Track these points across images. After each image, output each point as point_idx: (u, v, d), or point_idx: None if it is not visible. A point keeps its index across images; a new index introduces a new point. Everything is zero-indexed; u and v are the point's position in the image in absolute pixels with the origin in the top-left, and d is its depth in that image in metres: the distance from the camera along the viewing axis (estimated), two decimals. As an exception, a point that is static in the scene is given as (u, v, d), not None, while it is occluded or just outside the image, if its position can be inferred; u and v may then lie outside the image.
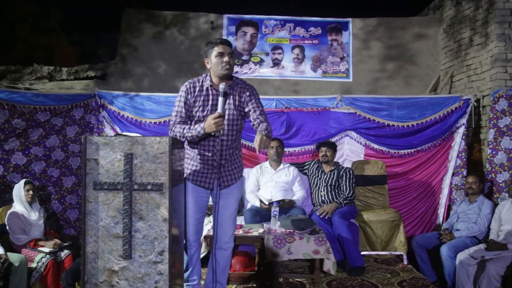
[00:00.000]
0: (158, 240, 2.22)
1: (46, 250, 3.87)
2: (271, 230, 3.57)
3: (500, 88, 4.79)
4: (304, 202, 4.57)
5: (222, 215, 2.77)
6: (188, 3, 6.65)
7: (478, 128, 5.19)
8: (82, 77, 5.95)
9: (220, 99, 2.58)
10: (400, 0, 7.79)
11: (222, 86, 2.59)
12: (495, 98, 4.76)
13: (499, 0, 4.87)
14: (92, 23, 8.50)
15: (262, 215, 4.18)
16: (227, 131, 2.72)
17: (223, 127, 2.64)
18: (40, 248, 3.88)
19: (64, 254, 3.96)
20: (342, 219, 4.14)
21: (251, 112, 2.73)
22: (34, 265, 3.77)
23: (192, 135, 2.64)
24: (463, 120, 5.08)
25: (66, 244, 4.08)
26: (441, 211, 5.13)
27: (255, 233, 3.51)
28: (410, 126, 5.12)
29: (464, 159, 5.08)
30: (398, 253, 4.51)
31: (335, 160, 4.74)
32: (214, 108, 2.67)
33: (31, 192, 4.03)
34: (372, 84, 6.14)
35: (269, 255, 3.37)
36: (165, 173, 2.22)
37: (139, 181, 2.22)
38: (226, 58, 2.68)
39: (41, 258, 3.80)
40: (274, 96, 5.38)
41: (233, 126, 2.75)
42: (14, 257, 3.65)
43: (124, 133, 4.48)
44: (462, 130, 5.08)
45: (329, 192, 4.50)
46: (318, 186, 4.58)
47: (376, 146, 5.15)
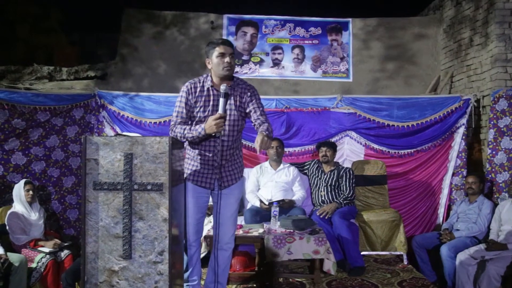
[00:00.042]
0: (158, 240, 2.22)
1: (46, 250, 3.87)
2: (271, 230, 3.57)
3: (500, 88, 4.79)
4: (304, 202, 4.57)
5: (222, 215, 2.77)
6: (188, 3, 6.66)
7: (478, 128, 5.19)
8: (82, 77, 5.95)
9: (221, 100, 2.58)
10: (400, 0, 7.80)
11: (223, 87, 2.59)
12: (495, 98, 4.76)
13: (499, 0, 4.87)
14: (92, 23, 8.50)
15: (262, 215, 4.18)
16: (228, 132, 2.72)
17: (224, 127, 2.64)
18: (40, 248, 3.88)
19: (64, 254, 3.96)
20: (342, 219, 4.14)
21: (252, 113, 2.74)
22: (34, 265, 3.77)
23: (192, 136, 2.63)
24: (463, 120, 5.08)
25: (66, 244, 4.08)
26: (441, 211, 5.13)
27: (255, 233, 3.51)
28: (410, 126, 5.12)
29: (464, 159, 5.08)
30: (398, 253, 4.51)
31: (335, 160, 4.74)
32: (215, 109, 2.67)
33: (31, 192, 4.03)
34: (372, 84, 6.14)
35: (269, 255, 3.37)
36: (165, 173, 2.22)
37: (139, 181, 2.22)
38: (227, 59, 2.68)
39: (41, 258, 3.79)
40: (274, 96, 5.38)
41: (234, 126, 2.74)
42: (14, 257, 3.65)
43: (124, 133, 4.48)
44: (462, 130, 5.08)
45: (329, 192, 4.50)
46: (318, 186, 4.58)
47: (376, 146, 5.15)
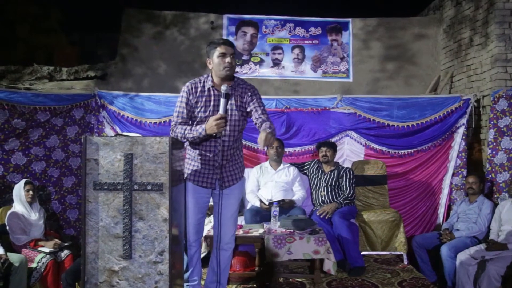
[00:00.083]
0: (158, 240, 2.22)
1: (46, 250, 3.87)
2: (271, 230, 3.57)
3: (500, 88, 4.79)
4: (304, 202, 4.57)
5: (223, 215, 2.78)
6: (188, 3, 6.66)
7: (478, 128, 5.19)
8: (82, 77, 5.95)
9: (222, 101, 2.58)
10: (400, 0, 7.80)
11: (223, 88, 2.59)
12: (495, 98, 4.76)
13: (499, 0, 4.87)
14: (92, 23, 8.50)
15: (262, 215, 4.18)
16: (228, 132, 2.72)
17: (225, 128, 2.63)
18: (40, 248, 3.88)
19: (64, 254, 3.96)
20: (342, 219, 4.14)
21: (253, 112, 2.74)
22: (34, 265, 3.76)
23: (193, 136, 2.63)
24: (463, 120, 5.08)
25: (66, 244, 4.08)
26: (441, 211, 5.13)
27: (255, 233, 3.51)
28: (410, 126, 5.12)
29: (464, 159, 5.08)
30: (398, 253, 4.51)
31: (335, 160, 4.74)
32: (216, 109, 2.67)
33: (31, 192, 4.03)
34: (372, 84, 6.14)
35: (269, 255, 3.37)
36: (165, 173, 2.22)
37: (139, 181, 2.22)
38: (228, 59, 2.67)
39: (41, 258, 3.79)
40: (274, 96, 5.38)
41: (234, 126, 2.74)
42: (14, 257, 3.65)
43: (124, 133, 4.48)
44: (462, 130, 5.08)
45: (329, 192, 4.50)
46: (318, 186, 4.58)
47: (376, 146, 5.15)
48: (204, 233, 3.29)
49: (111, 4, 7.29)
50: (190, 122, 2.74)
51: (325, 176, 4.56)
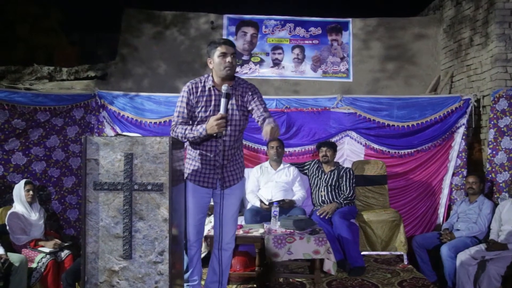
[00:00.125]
0: (158, 240, 2.22)
1: (46, 250, 3.87)
2: (271, 230, 3.56)
3: (500, 88, 4.79)
4: (304, 202, 4.57)
5: (223, 215, 2.78)
6: (188, 3, 6.66)
7: (478, 128, 5.19)
8: (82, 77, 5.95)
9: (223, 101, 2.58)
10: (400, 0, 7.80)
11: (224, 87, 2.59)
12: (495, 98, 4.76)
13: (499, 0, 4.87)
14: (92, 23, 8.51)
15: (262, 215, 4.17)
16: (229, 132, 2.71)
17: (226, 128, 2.63)
18: (40, 248, 3.88)
19: (64, 254, 3.96)
20: (342, 219, 4.14)
21: (255, 110, 2.73)
22: (34, 265, 3.77)
23: (194, 136, 2.63)
24: (463, 120, 5.08)
25: (66, 244, 4.08)
26: (441, 211, 5.13)
27: (255, 233, 3.51)
28: (410, 126, 5.12)
29: (464, 159, 5.08)
30: (398, 253, 4.51)
31: (335, 160, 4.74)
32: (216, 109, 2.67)
33: (31, 192, 4.03)
34: (372, 84, 6.14)
35: (269, 255, 3.37)
36: (165, 173, 2.22)
37: (139, 181, 2.22)
38: (228, 59, 2.67)
39: (41, 258, 3.79)
40: (274, 96, 5.38)
41: (235, 126, 2.74)
42: (14, 257, 3.65)
43: (124, 133, 4.48)
44: (462, 130, 5.08)
45: (329, 192, 4.50)
46: (318, 186, 4.57)
47: (376, 146, 5.15)
48: (204, 233, 3.30)
49: (111, 4, 7.30)
50: (191, 122, 2.74)
51: (325, 176, 4.56)
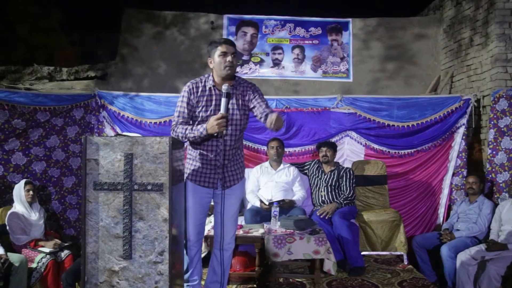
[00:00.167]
0: (158, 240, 2.22)
1: (46, 250, 3.87)
2: (271, 230, 3.56)
3: (500, 88, 4.79)
4: (304, 202, 4.57)
5: (224, 215, 2.77)
6: (188, 3, 6.66)
7: (478, 128, 5.18)
8: (82, 77, 5.95)
9: (223, 100, 2.57)
10: (400, 0, 7.80)
11: (224, 87, 2.59)
12: (495, 98, 4.76)
13: (499, 0, 4.87)
14: (92, 23, 8.51)
15: (263, 215, 4.17)
16: (230, 131, 2.71)
17: (227, 127, 2.63)
18: (40, 248, 3.88)
19: (64, 254, 3.96)
20: (342, 219, 4.14)
21: (257, 107, 2.73)
22: (34, 265, 3.77)
23: (194, 136, 2.63)
24: (463, 120, 5.08)
25: (66, 244, 4.08)
26: (441, 211, 5.13)
27: (255, 233, 3.51)
28: (410, 126, 5.12)
29: (464, 159, 5.08)
30: (398, 253, 4.51)
31: (335, 160, 4.74)
32: (217, 108, 2.66)
33: (31, 192, 4.03)
34: (372, 84, 6.14)
35: (269, 255, 3.36)
36: (165, 173, 2.22)
37: (139, 181, 2.22)
38: (229, 58, 2.67)
39: (41, 258, 3.79)
40: (274, 96, 5.38)
41: (236, 126, 2.74)
42: (14, 257, 3.65)
43: (124, 133, 4.48)
44: (462, 130, 5.07)
45: (329, 192, 4.50)
46: (318, 186, 4.57)
47: (376, 146, 5.15)
48: (205, 233, 3.30)
49: (111, 4, 7.30)
50: (191, 122, 2.74)
51: (325, 176, 4.56)
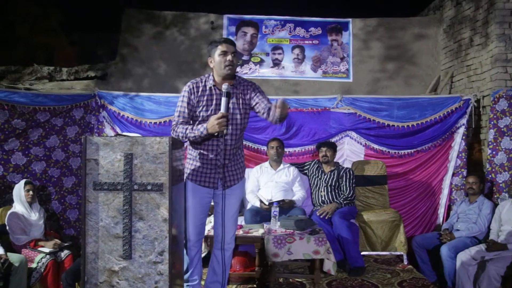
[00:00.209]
0: (158, 240, 2.22)
1: (46, 250, 3.87)
2: (271, 231, 3.56)
3: (500, 88, 4.79)
4: (304, 202, 4.57)
5: (224, 215, 2.77)
6: (188, 3, 6.66)
7: (478, 128, 5.18)
8: (82, 77, 5.95)
9: (223, 100, 2.57)
10: (400, 0, 7.80)
11: (224, 87, 2.59)
12: (495, 98, 4.76)
13: (499, 0, 4.87)
14: (92, 23, 8.51)
15: (262, 215, 4.17)
16: (231, 131, 2.71)
17: (227, 127, 2.63)
18: (40, 249, 3.88)
19: (64, 254, 3.96)
20: (342, 219, 4.14)
21: (259, 104, 2.72)
22: (34, 265, 3.77)
23: (195, 136, 2.62)
24: (463, 120, 5.08)
25: (66, 244, 4.08)
26: (441, 211, 5.13)
27: (255, 233, 3.51)
28: (410, 126, 5.12)
29: (464, 159, 5.08)
30: (398, 253, 4.51)
31: (335, 160, 4.74)
32: (218, 108, 2.66)
33: (31, 192, 4.03)
34: (372, 84, 6.14)
35: (269, 255, 3.37)
36: (165, 173, 2.22)
37: (139, 181, 2.22)
38: (229, 57, 2.67)
39: (41, 259, 3.79)
40: (274, 96, 5.34)
41: (237, 125, 2.74)
42: (14, 257, 3.65)
43: (124, 133, 4.48)
44: (462, 130, 5.07)
45: (329, 192, 4.50)
46: (318, 186, 4.57)
47: (376, 146, 5.14)
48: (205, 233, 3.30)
49: (111, 4, 7.30)
50: (192, 122, 2.74)
51: (325, 176, 4.56)
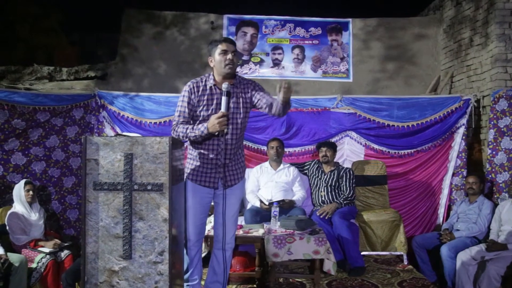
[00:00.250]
0: (158, 241, 2.22)
1: (46, 250, 3.87)
2: (271, 231, 3.56)
3: (500, 88, 4.79)
4: (304, 202, 4.57)
5: (225, 215, 2.77)
6: (188, 3, 6.66)
7: (478, 128, 5.18)
8: (82, 77, 5.95)
9: (224, 99, 2.57)
10: (400, 0, 7.80)
11: (225, 86, 2.59)
12: (495, 98, 4.76)
13: (499, 0, 4.87)
14: (92, 23, 8.51)
15: (262, 215, 4.17)
16: (231, 130, 2.71)
17: (228, 126, 2.63)
18: (40, 249, 3.88)
19: (64, 254, 3.96)
20: (342, 219, 4.14)
21: (261, 99, 2.73)
22: (34, 265, 3.77)
23: (195, 135, 2.62)
24: (463, 120, 5.08)
25: (66, 244, 4.08)
26: (441, 211, 5.13)
27: (255, 233, 3.51)
28: (410, 126, 5.12)
29: (464, 159, 5.08)
30: (398, 253, 4.51)
31: (335, 160, 4.74)
32: (218, 107, 2.65)
33: (31, 192, 4.03)
34: (372, 84, 6.14)
35: (269, 255, 3.37)
36: (165, 173, 2.22)
37: (139, 181, 2.22)
38: (229, 56, 2.67)
39: (41, 259, 3.79)
40: (274, 96, 5.35)
41: (237, 124, 2.74)
42: (14, 257, 3.65)
43: (124, 133, 4.48)
44: (462, 130, 5.07)
45: (329, 193, 4.50)
46: (318, 186, 4.57)
47: (376, 146, 5.14)
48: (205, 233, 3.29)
49: (111, 4, 7.30)
50: (192, 122, 2.73)
51: (325, 176, 4.56)
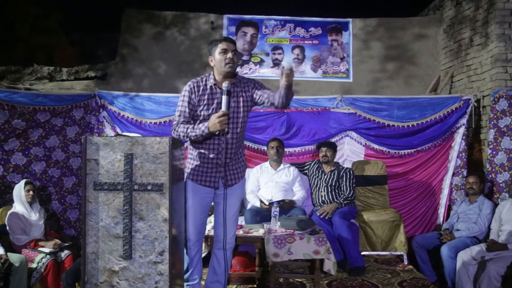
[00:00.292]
0: (158, 241, 2.22)
1: (47, 250, 3.87)
2: (271, 231, 3.56)
3: (500, 88, 4.79)
4: (304, 202, 4.57)
5: (226, 215, 2.77)
6: (188, 3, 6.66)
7: (478, 128, 5.18)
8: (82, 77, 5.95)
9: (224, 98, 2.57)
10: (400, 0, 7.80)
11: (225, 85, 2.59)
12: (495, 98, 4.76)
13: (499, 0, 4.87)
14: (92, 23, 8.51)
15: (263, 215, 4.17)
16: (232, 129, 2.71)
17: (228, 125, 2.62)
18: (40, 249, 3.88)
19: (64, 254, 3.96)
20: (342, 219, 4.14)
21: (262, 94, 2.72)
22: (34, 265, 3.77)
23: (196, 135, 2.62)
24: (463, 120, 5.08)
25: (66, 244, 4.08)
26: (441, 211, 5.13)
27: (255, 233, 3.51)
28: (410, 126, 5.12)
29: (464, 159, 5.08)
30: (398, 253, 4.51)
31: (335, 160, 4.74)
32: (219, 107, 2.65)
33: (31, 192, 4.03)
34: (372, 84, 6.14)
35: (269, 255, 3.37)
36: (165, 173, 2.22)
37: (139, 181, 2.22)
38: (229, 55, 2.67)
39: (41, 259, 3.79)
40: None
41: (238, 124, 2.74)
42: (14, 257, 3.65)
43: (124, 133, 4.48)
44: (462, 130, 5.07)
45: (329, 193, 4.50)
46: (318, 186, 4.57)
47: (376, 146, 5.14)
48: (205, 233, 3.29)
49: (111, 4, 7.30)
50: (193, 121, 2.73)
51: (325, 176, 4.56)
